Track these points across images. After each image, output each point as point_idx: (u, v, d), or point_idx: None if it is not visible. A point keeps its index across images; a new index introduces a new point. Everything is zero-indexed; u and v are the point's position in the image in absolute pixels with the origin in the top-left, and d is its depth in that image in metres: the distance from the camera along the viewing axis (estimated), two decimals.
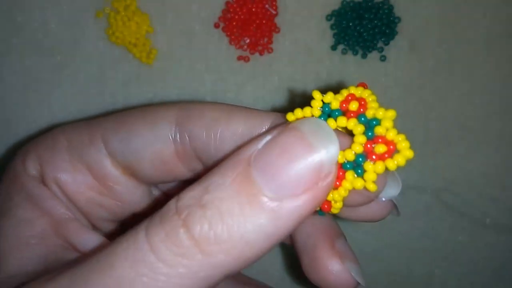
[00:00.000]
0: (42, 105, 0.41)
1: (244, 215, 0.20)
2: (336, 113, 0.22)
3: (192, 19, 0.41)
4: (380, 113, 0.22)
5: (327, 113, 0.22)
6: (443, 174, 0.43)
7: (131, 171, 0.29)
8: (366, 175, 0.21)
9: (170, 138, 0.27)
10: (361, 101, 0.22)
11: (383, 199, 0.24)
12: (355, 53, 0.41)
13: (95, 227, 0.31)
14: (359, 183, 0.22)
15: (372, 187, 0.22)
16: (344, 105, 0.22)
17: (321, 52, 0.41)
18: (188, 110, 0.27)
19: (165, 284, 0.20)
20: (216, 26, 0.41)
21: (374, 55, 0.41)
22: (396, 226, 0.43)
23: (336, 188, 0.22)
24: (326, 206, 0.23)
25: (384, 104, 0.43)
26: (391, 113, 0.22)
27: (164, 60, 0.41)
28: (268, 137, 0.21)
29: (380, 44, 0.41)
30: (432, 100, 0.42)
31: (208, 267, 0.20)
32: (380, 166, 0.21)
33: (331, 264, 0.26)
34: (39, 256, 0.26)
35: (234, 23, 0.40)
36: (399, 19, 0.41)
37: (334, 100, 0.23)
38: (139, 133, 0.28)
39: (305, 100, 0.24)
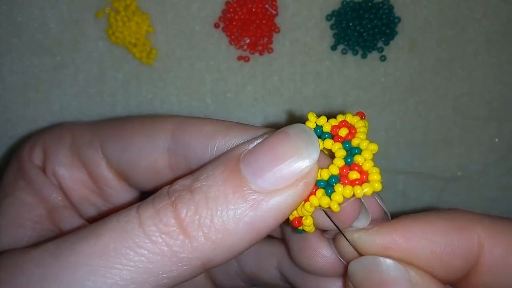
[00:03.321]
0: (42, 105, 0.41)
1: (227, 202, 0.22)
2: (326, 136, 0.24)
3: (192, 19, 0.41)
4: (364, 144, 0.24)
5: (318, 134, 0.24)
6: (443, 174, 0.43)
7: (124, 176, 0.30)
8: (333, 195, 0.23)
9: (166, 149, 0.28)
10: (352, 129, 0.24)
11: (354, 227, 0.25)
12: (355, 53, 0.41)
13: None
14: (325, 201, 0.23)
15: (335, 208, 0.23)
16: (335, 129, 0.24)
17: (321, 52, 0.41)
18: (186, 123, 0.28)
19: (146, 258, 0.21)
20: (216, 26, 0.41)
21: (374, 55, 0.41)
22: None
23: (305, 201, 0.23)
24: (296, 222, 0.24)
25: (384, 104, 0.44)
26: (373, 147, 0.24)
27: (164, 60, 0.41)
28: (259, 140, 0.23)
29: (380, 44, 0.41)
30: (432, 100, 0.42)
31: (189, 249, 0.21)
32: (348, 191, 0.23)
33: (320, 248, 0.28)
34: (31, 237, 0.28)
35: (234, 23, 0.40)
36: (399, 19, 0.41)
37: (326, 124, 0.25)
38: (136, 142, 0.29)
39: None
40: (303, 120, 0.25)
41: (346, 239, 0.25)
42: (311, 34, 0.41)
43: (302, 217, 0.24)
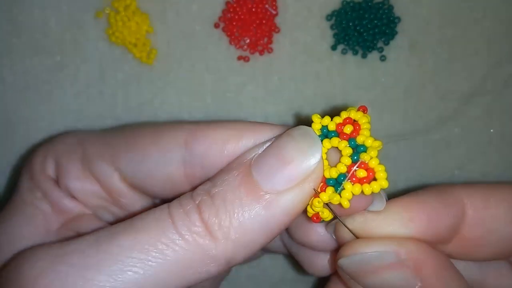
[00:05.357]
0: (42, 105, 0.41)
1: (242, 204, 0.24)
2: (332, 134, 0.26)
3: (192, 19, 0.41)
4: (369, 141, 0.25)
5: (325, 134, 0.26)
6: (443, 175, 0.43)
7: (139, 187, 0.31)
8: (343, 193, 0.25)
9: (181, 161, 0.29)
10: (356, 125, 0.26)
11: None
12: (355, 53, 0.41)
13: None
14: (335, 198, 0.25)
15: (345, 204, 0.25)
16: (340, 127, 0.26)
17: (321, 52, 0.41)
18: (198, 132, 0.29)
19: (180, 254, 0.24)
20: (216, 26, 0.41)
21: (374, 55, 0.41)
22: None
23: (315, 197, 0.25)
24: (315, 218, 0.26)
25: (384, 104, 0.44)
26: (378, 144, 0.25)
27: (164, 60, 0.41)
28: (268, 144, 0.26)
29: (380, 44, 0.41)
30: (432, 100, 0.42)
31: (214, 247, 0.24)
32: (357, 188, 0.25)
33: (314, 226, 0.30)
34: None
35: (234, 23, 0.40)
36: (399, 19, 0.41)
37: (331, 123, 0.26)
38: (149, 156, 0.30)
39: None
40: (309, 120, 0.26)
41: (347, 227, 0.27)
42: (311, 34, 0.41)
43: (318, 213, 0.26)
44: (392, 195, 0.43)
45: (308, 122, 0.26)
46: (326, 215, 0.26)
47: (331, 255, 0.32)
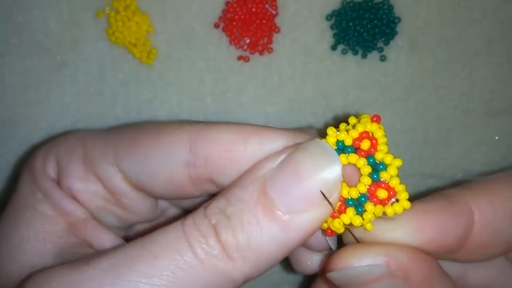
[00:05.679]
0: (42, 105, 0.41)
1: (260, 226, 0.24)
2: (349, 149, 0.25)
3: (192, 19, 0.41)
4: (388, 159, 0.24)
5: (341, 148, 0.25)
6: (443, 174, 0.43)
7: (142, 188, 0.31)
8: (365, 215, 0.24)
9: (184, 162, 0.28)
10: (373, 140, 0.25)
11: None
12: (355, 53, 0.41)
13: None
14: (358, 221, 0.24)
15: (369, 226, 0.24)
16: (357, 142, 0.25)
17: (321, 52, 0.41)
18: (203, 134, 0.28)
19: (196, 277, 0.23)
20: (216, 26, 0.41)
21: (374, 55, 0.41)
22: None
23: (335, 217, 0.24)
24: (329, 231, 0.25)
25: (384, 104, 0.44)
26: (398, 162, 0.25)
27: (164, 60, 0.41)
28: (282, 157, 0.25)
29: (380, 44, 0.41)
30: (432, 100, 0.42)
31: (232, 270, 0.24)
32: (379, 210, 0.24)
33: None
34: (56, 252, 0.28)
35: (234, 23, 0.40)
36: (399, 19, 0.41)
37: (347, 138, 0.25)
38: (152, 156, 0.29)
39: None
40: (342, 120, 0.26)
41: (353, 235, 0.26)
42: (311, 34, 0.41)
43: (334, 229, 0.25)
44: None
45: (341, 121, 0.25)
46: (341, 230, 0.25)
47: (323, 257, 0.32)
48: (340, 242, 0.29)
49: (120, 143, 0.31)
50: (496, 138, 0.42)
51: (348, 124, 0.26)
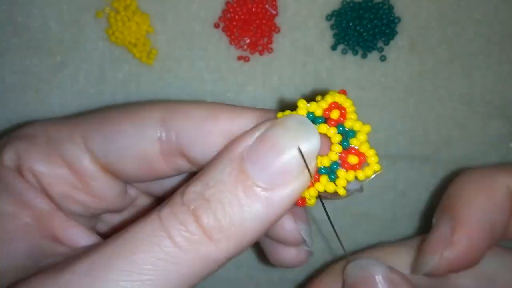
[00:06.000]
0: (42, 105, 0.41)
1: (241, 205, 0.23)
2: (319, 120, 0.25)
3: (192, 19, 0.41)
4: (357, 125, 0.25)
5: (311, 119, 0.25)
6: (443, 174, 0.43)
7: (112, 169, 0.29)
8: (338, 181, 0.25)
9: (156, 137, 0.28)
10: (342, 109, 0.25)
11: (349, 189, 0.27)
12: (355, 53, 0.41)
13: None
14: (331, 187, 0.25)
15: (341, 191, 0.25)
16: (326, 112, 0.25)
17: (321, 52, 0.41)
18: (174, 109, 0.28)
19: (179, 266, 0.23)
20: (216, 26, 0.41)
21: (374, 55, 0.41)
22: (395, 226, 0.43)
23: (310, 187, 0.25)
24: (300, 202, 0.26)
25: (384, 104, 0.44)
26: (367, 128, 0.25)
27: (164, 60, 0.41)
28: (258, 133, 0.24)
29: (380, 44, 0.41)
30: (432, 100, 0.42)
31: (216, 251, 0.23)
32: (351, 175, 0.25)
33: (285, 223, 0.30)
34: (25, 251, 0.27)
35: (234, 23, 0.40)
36: (399, 19, 0.41)
37: (318, 109, 0.25)
38: (124, 132, 0.28)
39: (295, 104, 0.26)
40: (292, 104, 0.26)
41: (325, 209, 0.27)
42: (311, 34, 0.41)
43: (305, 198, 0.26)
44: (392, 196, 0.43)
45: (291, 106, 0.25)
46: (313, 201, 0.26)
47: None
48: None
49: (88, 123, 0.29)
50: (510, 145, 0.42)
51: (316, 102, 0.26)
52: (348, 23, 0.40)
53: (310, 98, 0.26)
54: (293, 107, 0.26)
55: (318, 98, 0.26)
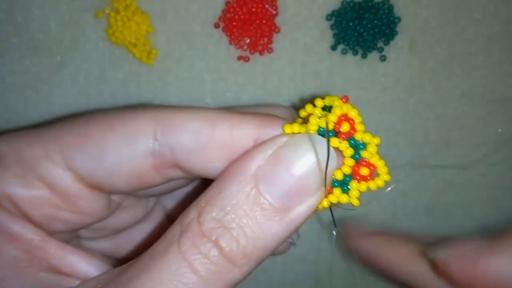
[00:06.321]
0: (42, 105, 0.41)
1: (261, 228, 0.23)
2: (330, 134, 0.25)
3: (192, 19, 0.41)
4: (367, 138, 0.26)
5: (321, 133, 0.25)
6: (443, 174, 0.43)
7: (97, 186, 0.27)
8: (351, 193, 0.25)
9: (148, 151, 0.26)
10: (350, 120, 0.26)
11: None
12: (355, 53, 0.41)
13: None
14: (344, 199, 0.25)
15: (355, 202, 0.26)
16: (336, 126, 0.25)
17: (321, 52, 0.41)
18: (167, 121, 0.26)
19: None
20: (216, 26, 0.41)
21: (374, 55, 0.41)
22: (395, 226, 0.43)
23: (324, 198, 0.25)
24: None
25: (384, 104, 0.44)
26: (376, 140, 0.26)
27: (164, 60, 0.41)
28: (270, 151, 0.24)
29: (380, 44, 0.41)
30: (432, 100, 0.42)
31: (239, 275, 0.24)
32: (363, 186, 0.25)
33: None
34: (27, 285, 0.25)
35: (234, 23, 0.40)
36: (399, 19, 0.41)
37: (330, 124, 0.25)
38: (111, 149, 0.26)
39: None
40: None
41: (333, 217, 0.27)
42: (311, 34, 0.41)
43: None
44: (392, 196, 0.43)
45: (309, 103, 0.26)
46: (320, 207, 0.26)
47: None
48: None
49: (66, 139, 0.26)
50: (499, 130, 0.42)
51: (315, 106, 0.26)
52: (348, 23, 0.40)
53: (311, 100, 0.26)
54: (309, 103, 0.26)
55: (319, 101, 0.26)
